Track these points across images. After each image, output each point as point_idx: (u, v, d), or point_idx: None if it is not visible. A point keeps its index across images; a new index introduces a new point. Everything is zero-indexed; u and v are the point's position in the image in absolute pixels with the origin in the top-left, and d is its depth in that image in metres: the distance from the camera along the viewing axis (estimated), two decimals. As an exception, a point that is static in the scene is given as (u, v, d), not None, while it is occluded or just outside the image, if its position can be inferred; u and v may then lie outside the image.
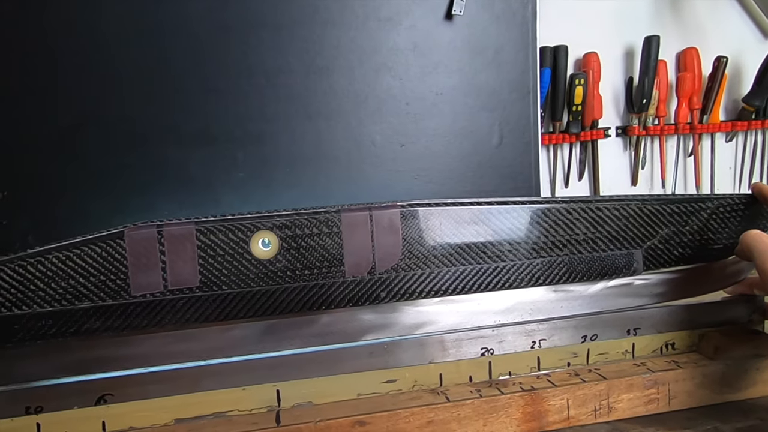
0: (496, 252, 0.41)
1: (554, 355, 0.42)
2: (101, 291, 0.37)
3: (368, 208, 0.39)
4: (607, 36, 0.75)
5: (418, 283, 0.40)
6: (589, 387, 0.40)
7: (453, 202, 0.40)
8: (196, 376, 0.38)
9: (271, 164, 0.55)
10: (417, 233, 0.40)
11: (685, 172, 0.82)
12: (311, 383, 0.39)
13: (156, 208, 0.54)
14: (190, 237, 0.37)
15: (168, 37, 0.53)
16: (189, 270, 0.37)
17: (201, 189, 0.55)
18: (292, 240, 0.38)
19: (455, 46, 0.58)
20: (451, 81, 0.58)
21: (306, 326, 0.39)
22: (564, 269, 0.42)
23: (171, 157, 0.54)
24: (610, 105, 0.78)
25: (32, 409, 0.36)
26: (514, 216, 0.41)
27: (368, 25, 0.56)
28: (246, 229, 0.38)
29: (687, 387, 0.41)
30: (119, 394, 0.37)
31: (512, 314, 0.42)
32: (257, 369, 0.38)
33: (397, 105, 0.57)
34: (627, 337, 0.43)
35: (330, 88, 0.56)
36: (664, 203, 0.43)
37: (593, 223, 0.42)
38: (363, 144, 0.57)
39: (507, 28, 0.59)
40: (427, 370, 0.40)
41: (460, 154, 0.59)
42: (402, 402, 0.39)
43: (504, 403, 0.39)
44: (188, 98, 0.54)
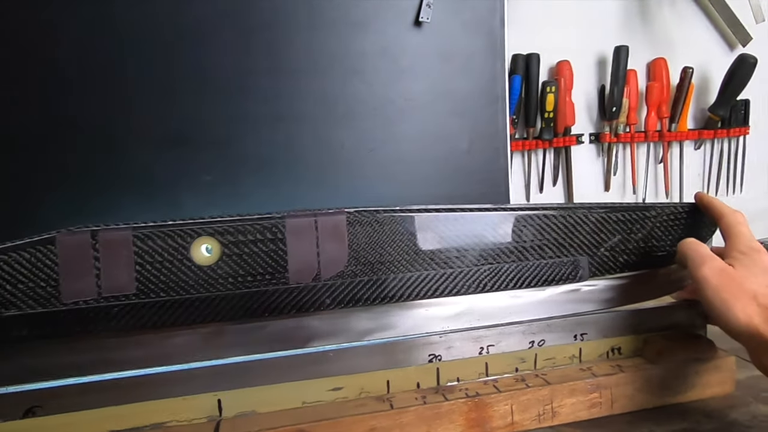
0: (444, 258, 0.41)
1: (502, 361, 0.42)
2: (30, 298, 0.35)
3: (314, 214, 0.38)
4: (579, 45, 0.76)
5: (365, 289, 0.39)
6: (533, 392, 0.40)
7: (401, 209, 0.40)
8: (132, 385, 0.36)
9: (238, 167, 0.54)
10: (364, 240, 0.39)
11: (655, 179, 0.84)
12: (254, 392, 0.38)
13: (117, 211, 0.52)
14: (127, 243, 0.36)
15: (132, 36, 0.51)
16: (125, 276, 0.36)
17: (165, 192, 0.53)
18: (234, 246, 0.37)
19: (424, 51, 0.58)
20: (421, 86, 0.58)
21: (249, 334, 0.38)
22: (512, 275, 0.42)
23: (134, 160, 0.52)
24: (583, 112, 0.79)
25: (-46, 423, 0.35)
26: (462, 223, 0.41)
27: (337, 28, 0.55)
28: (186, 235, 0.37)
29: (628, 391, 0.42)
30: (48, 406, 0.35)
31: (461, 320, 0.42)
32: (198, 378, 0.37)
33: (367, 109, 0.56)
34: (574, 342, 0.43)
35: (298, 91, 0.55)
36: (610, 211, 0.44)
37: (540, 230, 0.43)
38: (332, 148, 0.56)
39: (475, 35, 0.59)
40: (374, 377, 0.40)
41: (430, 160, 0.59)
42: (346, 410, 0.38)
43: (447, 409, 0.39)
44: (153, 99, 0.52)
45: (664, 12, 0.82)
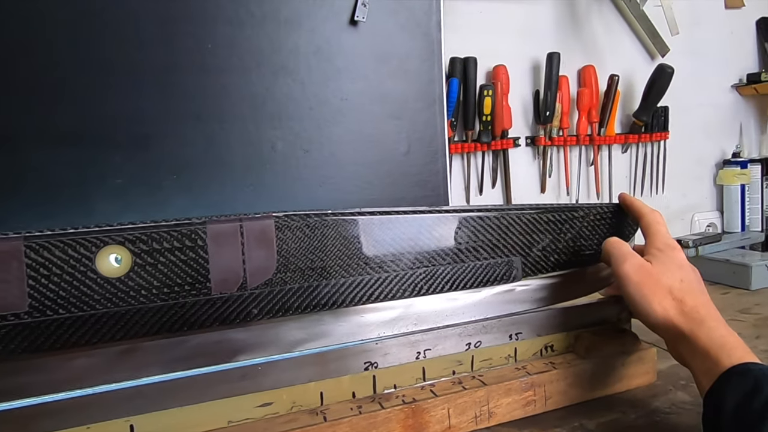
0: (379, 263, 0.40)
1: (439, 365, 0.41)
2: None
3: (239, 219, 0.36)
4: (515, 50, 0.78)
5: (295, 297, 0.37)
6: (469, 394, 0.40)
7: (333, 212, 0.39)
8: (29, 416, 0.32)
9: (156, 169, 0.49)
10: (294, 245, 0.37)
11: (588, 180, 0.89)
12: (174, 414, 0.35)
13: (8, 218, 0.46)
14: (17, 254, 0.32)
15: (38, 21, 0.45)
16: (15, 292, 0.31)
17: (69, 197, 0.47)
18: (147, 255, 0.34)
19: (360, 52, 0.56)
20: (357, 87, 0.57)
21: (167, 350, 0.35)
22: (448, 278, 0.42)
23: (34, 160, 0.46)
24: (519, 116, 0.82)
25: None
26: (396, 226, 0.40)
27: (266, 25, 0.52)
28: (90, 244, 0.33)
29: (561, 387, 0.43)
30: None
31: (397, 325, 0.41)
32: (106, 402, 0.33)
33: (300, 109, 0.54)
34: (510, 342, 0.44)
35: (223, 89, 0.51)
36: (540, 212, 0.45)
37: (475, 231, 0.43)
38: (262, 149, 0.53)
39: (412, 37, 0.58)
40: (306, 390, 0.38)
41: (368, 162, 0.57)
42: (277, 426, 0.36)
43: (384, 418, 0.38)
44: (58, 93, 0.46)
45: (592, 22, 0.86)
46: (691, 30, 0.92)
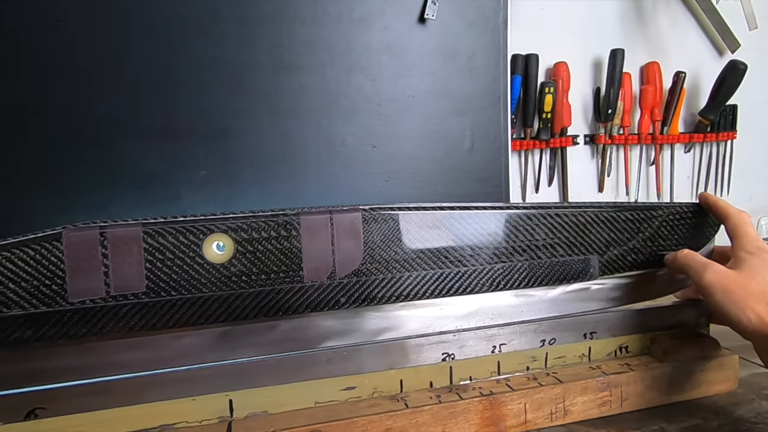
0: (458, 257, 0.41)
1: (514, 360, 0.42)
2: (34, 297, 0.33)
3: (329, 211, 0.38)
4: (576, 47, 0.77)
5: (380, 288, 0.39)
6: (545, 391, 0.40)
7: (416, 206, 0.40)
8: (140, 386, 0.35)
9: (236, 162, 0.53)
10: (379, 237, 0.39)
11: (647, 180, 0.86)
12: (267, 392, 0.37)
13: (109, 207, 0.50)
14: (137, 239, 0.35)
15: (127, 24, 0.49)
16: (135, 274, 0.35)
17: (159, 187, 0.51)
18: (248, 243, 0.36)
19: (428, 49, 0.58)
20: (424, 84, 0.58)
21: (262, 333, 0.37)
22: (524, 274, 0.42)
23: (127, 153, 0.50)
24: (579, 113, 0.80)
25: (-49, 427, 0.33)
26: (475, 221, 0.41)
27: (341, 24, 0.54)
28: (198, 231, 0.36)
29: (638, 389, 0.43)
30: (52, 407, 0.34)
31: (474, 319, 0.42)
32: (209, 378, 0.36)
33: (369, 106, 0.56)
34: (584, 341, 0.44)
35: (300, 86, 0.54)
36: (619, 210, 0.45)
37: (552, 229, 0.43)
38: (333, 144, 0.55)
39: (479, 34, 0.59)
40: (388, 377, 0.39)
41: (432, 158, 0.58)
42: (360, 410, 0.38)
43: (463, 408, 0.39)
44: (148, 91, 0.50)
45: (658, 17, 0.83)
46: (763, 24, 0.87)
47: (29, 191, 0.49)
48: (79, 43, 0.49)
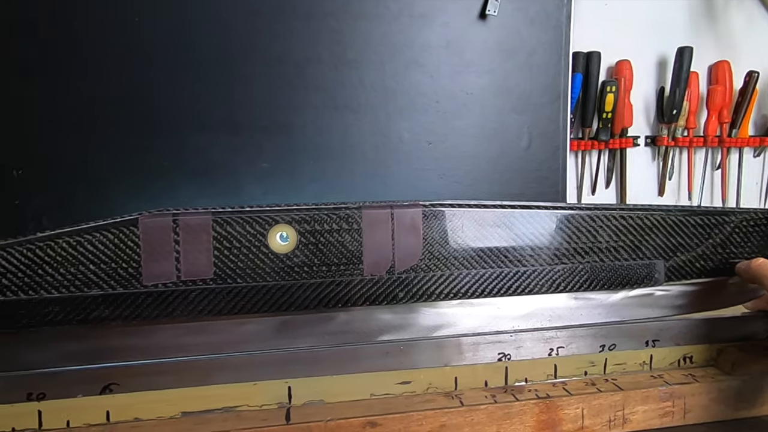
0: (517, 256, 0.40)
1: (571, 364, 0.41)
2: (112, 279, 0.35)
3: (390, 206, 0.38)
4: (640, 44, 0.74)
5: (438, 284, 0.39)
6: (604, 397, 0.39)
7: (476, 204, 0.39)
8: (206, 368, 0.37)
9: (296, 155, 0.54)
10: (438, 234, 0.39)
11: (711, 185, 0.82)
12: (324, 381, 0.38)
13: (175, 195, 0.52)
14: (207, 227, 0.36)
15: (195, 19, 0.51)
16: (203, 261, 0.36)
17: (223, 177, 0.53)
18: (310, 235, 0.37)
19: (488, 46, 0.57)
20: (482, 81, 0.57)
21: (321, 323, 0.38)
22: (585, 277, 0.41)
23: (194, 143, 0.52)
24: (640, 114, 0.77)
25: (34, 396, 0.35)
26: (537, 221, 0.40)
27: (401, 20, 0.54)
28: (264, 221, 0.37)
29: (703, 401, 0.41)
30: (125, 384, 0.36)
31: (531, 320, 0.41)
32: (270, 364, 0.37)
33: (427, 102, 0.56)
34: (645, 349, 0.42)
35: (359, 81, 0.54)
36: (688, 215, 0.42)
37: (616, 231, 0.41)
38: (390, 140, 0.55)
39: (541, 30, 0.57)
40: (443, 373, 0.39)
41: (488, 156, 0.58)
42: (415, 404, 0.38)
43: (518, 409, 0.38)
44: (214, 84, 0.52)
45: (730, 13, 0.78)
46: None
47: (101, 178, 0.52)
48: (152, 39, 0.51)
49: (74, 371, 0.35)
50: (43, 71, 0.50)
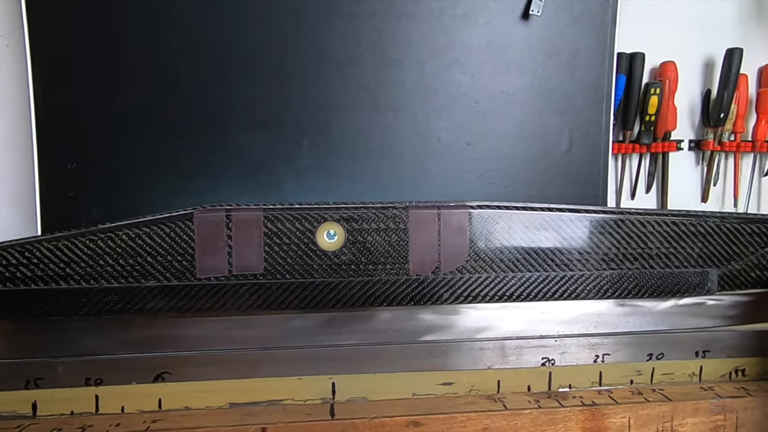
0: (564, 260, 0.39)
1: (617, 371, 0.40)
2: (167, 271, 0.37)
3: (437, 207, 0.38)
4: (686, 45, 0.71)
5: (483, 286, 0.38)
6: (652, 407, 0.38)
7: (524, 206, 0.39)
8: (254, 361, 0.37)
9: (336, 154, 0.55)
10: (485, 235, 0.38)
11: (759, 192, 0.79)
12: (367, 379, 0.38)
13: (219, 190, 0.54)
14: (258, 223, 0.37)
15: (241, 19, 0.53)
16: (255, 256, 0.37)
17: (265, 174, 0.54)
18: (358, 233, 0.38)
19: (530, 46, 0.56)
20: (523, 82, 0.56)
21: (366, 321, 0.38)
22: (633, 283, 0.40)
23: (238, 141, 0.54)
24: (684, 117, 0.75)
25: (92, 381, 0.37)
26: (585, 224, 0.39)
27: (443, 20, 0.54)
28: (313, 219, 0.37)
29: (756, 416, 0.39)
30: (177, 373, 0.37)
31: (577, 325, 0.40)
32: (315, 360, 0.38)
33: (467, 103, 0.55)
34: (695, 359, 0.41)
35: (399, 81, 0.55)
36: (745, 222, 0.41)
37: (668, 237, 0.40)
38: (428, 140, 0.55)
39: (585, 31, 0.56)
40: (485, 376, 0.39)
41: (528, 157, 0.57)
42: (458, 406, 0.38)
43: (563, 416, 0.38)
44: (258, 83, 0.53)
45: (782, 13, 0.75)
46: None
47: (148, 173, 0.53)
48: (200, 39, 0.53)
49: (130, 359, 0.37)
50: (95, 71, 0.52)
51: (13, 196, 0.58)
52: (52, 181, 0.52)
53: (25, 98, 0.54)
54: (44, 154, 0.52)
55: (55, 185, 0.53)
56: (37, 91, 0.52)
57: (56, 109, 0.52)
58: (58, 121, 0.52)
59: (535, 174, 0.57)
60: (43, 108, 0.52)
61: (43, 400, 0.36)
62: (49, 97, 0.52)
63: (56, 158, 0.52)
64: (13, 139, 0.57)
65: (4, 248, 0.36)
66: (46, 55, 0.51)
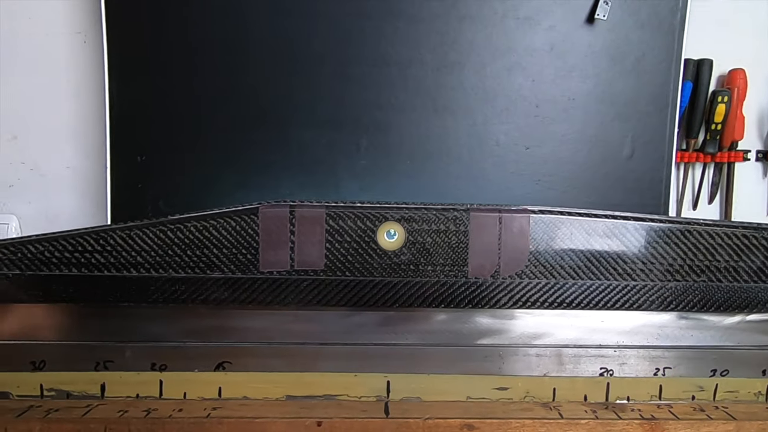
0: (627, 269, 0.38)
1: (678, 386, 0.39)
2: (232, 263, 0.38)
3: (498, 210, 0.38)
4: (757, 52, 0.68)
5: (542, 292, 0.38)
6: (715, 425, 0.37)
7: (586, 212, 0.38)
8: (312, 355, 0.38)
9: (394, 154, 0.55)
10: (545, 241, 0.38)
11: (832, 207, 0.75)
12: (422, 379, 0.38)
13: (278, 187, 0.55)
14: (320, 220, 0.37)
15: (306, 19, 0.54)
16: (316, 252, 0.37)
17: (323, 172, 0.55)
18: (418, 234, 0.38)
19: (594, 50, 0.55)
20: (586, 86, 0.55)
21: (422, 322, 0.39)
22: (699, 296, 0.39)
23: (297, 138, 0.55)
24: (752, 127, 0.72)
25: (157, 366, 0.38)
26: (650, 234, 0.38)
27: (506, 23, 0.54)
28: (374, 218, 0.38)
29: (828, 441, 0.37)
30: (238, 363, 0.38)
31: (637, 337, 0.39)
32: (371, 357, 0.38)
33: (527, 106, 0.55)
34: (762, 378, 0.39)
35: (460, 83, 0.55)
36: (822, 237, 0.39)
37: (737, 250, 0.39)
38: (487, 143, 0.55)
39: (651, 35, 0.55)
40: (541, 383, 0.39)
41: (587, 163, 0.56)
42: (512, 411, 0.37)
43: (621, 428, 0.37)
44: (319, 82, 0.54)
45: None
46: None
47: (212, 168, 0.55)
48: (263, 39, 0.54)
49: (194, 347, 0.38)
50: (167, 68, 0.54)
51: (83, 185, 0.61)
52: (123, 172, 0.55)
53: (98, 93, 0.57)
54: (116, 147, 0.54)
55: (125, 176, 0.55)
56: (112, 87, 0.54)
57: (129, 103, 0.55)
58: (131, 115, 0.55)
59: (594, 180, 0.55)
60: (117, 103, 0.54)
61: (111, 382, 0.38)
62: (122, 92, 0.54)
63: (127, 151, 0.55)
64: (86, 132, 0.60)
65: (80, 235, 0.38)
66: (122, 52, 0.54)
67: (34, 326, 0.38)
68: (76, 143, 0.61)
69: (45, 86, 0.60)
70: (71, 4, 0.58)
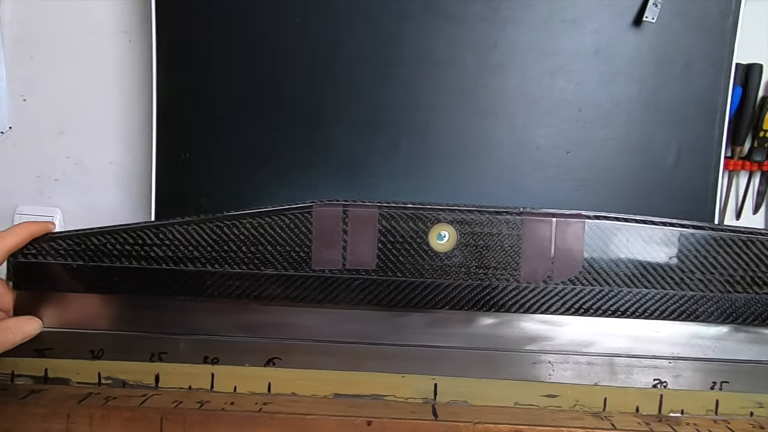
0: (684, 279, 0.37)
1: (736, 401, 0.38)
2: (285, 260, 0.38)
3: (552, 215, 0.37)
4: None
5: (596, 299, 0.37)
6: (777, 444, 0.36)
7: (643, 219, 0.38)
8: (361, 355, 0.38)
9: (432, 156, 0.55)
10: (600, 247, 0.37)
11: None
12: (469, 383, 0.38)
13: (317, 186, 0.56)
14: (373, 220, 0.38)
15: (347, 19, 0.54)
16: (368, 252, 0.38)
17: (361, 173, 0.55)
18: (470, 236, 0.38)
19: (640, 54, 0.54)
20: (631, 91, 0.54)
21: (471, 325, 0.38)
22: (761, 310, 0.37)
23: (336, 139, 0.55)
24: None
25: (209, 360, 0.39)
26: (709, 243, 0.37)
27: (550, 25, 0.54)
28: (426, 219, 0.38)
29: None
30: (287, 359, 0.39)
31: (693, 348, 0.38)
32: (419, 359, 0.38)
33: (569, 110, 0.54)
34: (825, 396, 0.38)
35: (501, 86, 0.54)
36: None
37: (804, 262, 0.37)
38: (527, 147, 0.55)
39: (701, 39, 0.54)
40: (591, 392, 0.38)
41: (630, 170, 0.55)
42: (562, 420, 0.37)
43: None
44: (359, 82, 0.55)
45: None
46: None
47: (253, 166, 0.56)
48: (309, 37, 0.55)
49: (245, 342, 0.39)
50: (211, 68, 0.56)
51: (126, 180, 0.64)
52: (166, 168, 0.56)
53: (142, 91, 0.59)
54: (161, 144, 0.56)
55: (168, 173, 0.57)
56: (159, 85, 0.56)
57: (173, 102, 0.56)
58: (175, 114, 0.56)
59: (637, 186, 0.54)
60: (163, 101, 0.56)
61: (165, 373, 0.39)
62: (167, 90, 0.56)
63: (171, 148, 0.56)
64: (131, 129, 0.62)
65: (140, 228, 0.39)
66: (167, 51, 0.56)
67: (93, 316, 0.39)
68: (119, 140, 0.63)
69: (91, 84, 0.62)
70: (118, 4, 0.60)
